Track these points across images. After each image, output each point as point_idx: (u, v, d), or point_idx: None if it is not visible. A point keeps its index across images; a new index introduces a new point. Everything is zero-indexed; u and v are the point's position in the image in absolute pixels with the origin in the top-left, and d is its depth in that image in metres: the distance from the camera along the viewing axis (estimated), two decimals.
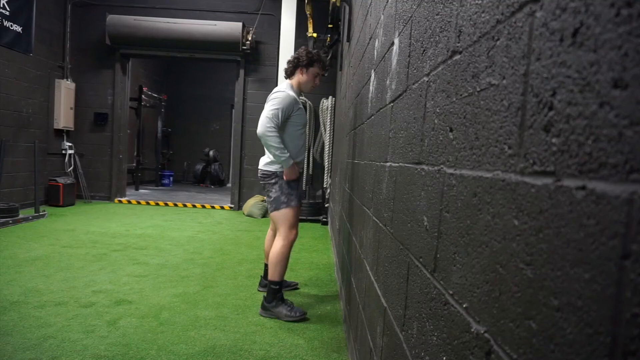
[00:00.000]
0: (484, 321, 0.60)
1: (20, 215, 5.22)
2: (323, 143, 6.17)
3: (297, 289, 3.17)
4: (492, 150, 0.61)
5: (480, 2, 0.67)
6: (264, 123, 2.63)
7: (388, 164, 1.37)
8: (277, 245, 2.73)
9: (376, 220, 1.54)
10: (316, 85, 2.90)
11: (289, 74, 2.85)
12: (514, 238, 0.53)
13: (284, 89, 2.74)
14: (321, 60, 2.82)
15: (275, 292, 2.68)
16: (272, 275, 2.70)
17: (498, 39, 0.61)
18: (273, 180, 2.73)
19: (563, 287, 0.42)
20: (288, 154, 2.65)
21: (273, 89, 2.80)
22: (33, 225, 5.08)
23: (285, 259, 2.72)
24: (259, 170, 2.84)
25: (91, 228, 5.09)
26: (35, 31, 5.99)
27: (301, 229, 5.80)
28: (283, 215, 2.73)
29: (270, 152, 2.68)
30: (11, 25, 5.55)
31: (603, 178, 0.38)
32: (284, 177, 2.68)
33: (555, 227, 0.44)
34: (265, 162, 2.80)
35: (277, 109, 2.64)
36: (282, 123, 2.68)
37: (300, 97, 2.65)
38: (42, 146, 6.43)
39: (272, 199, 2.75)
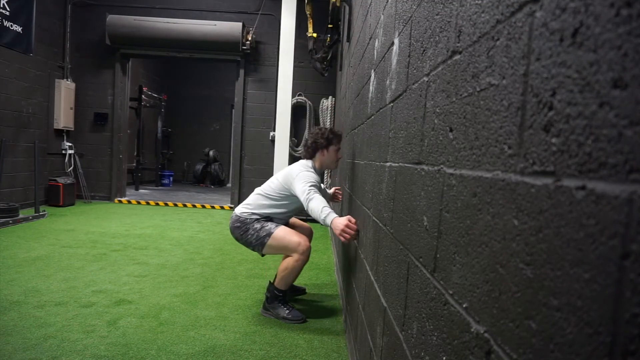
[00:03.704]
0: (483, 321, 0.60)
1: (20, 215, 5.22)
2: None
3: (304, 293, 3.15)
4: (492, 150, 0.61)
5: (480, 2, 0.67)
6: (305, 194, 2.47)
7: (388, 164, 1.37)
8: (291, 259, 2.62)
9: (376, 220, 1.54)
10: (340, 158, 2.86)
11: (310, 157, 2.80)
12: (514, 238, 0.53)
13: (309, 169, 2.67)
14: (337, 135, 2.79)
15: (277, 296, 2.67)
16: (279, 283, 2.66)
17: (498, 39, 0.61)
18: (245, 228, 2.68)
19: (563, 287, 0.42)
20: (330, 210, 2.38)
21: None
22: (33, 225, 5.08)
23: (296, 272, 2.64)
24: (232, 217, 2.74)
25: (91, 228, 5.09)
26: (35, 31, 5.99)
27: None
28: (273, 247, 2.64)
29: (314, 217, 2.42)
30: (11, 25, 5.55)
31: (603, 178, 0.38)
32: (337, 233, 2.25)
33: (555, 227, 0.44)
34: (240, 210, 2.74)
35: (313, 184, 2.54)
36: (291, 195, 2.66)
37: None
38: (42, 146, 6.43)
39: (253, 243, 2.67)
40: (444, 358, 0.73)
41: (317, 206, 2.38)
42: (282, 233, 2.64)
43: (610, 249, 0.36)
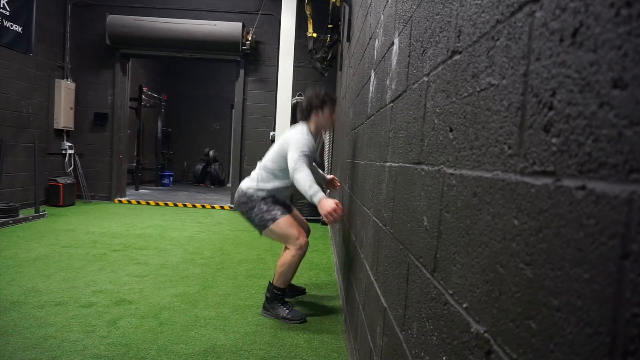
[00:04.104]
0: (483, 321, 0.60)
1: (20, 215, 5.22)
2: (323, 143, 6.17)
3: (304, 293, 3.16)
4: (492, 150, 0.61)
5: (480, 2, 0.67)
6: (296, 162, 2.50)
7: (388, 164, 1.37)
8: (288, 254, 2.64)
9: (376, 220, 1.54)
10: (334, 121, 2.89)
11: (306, 118, 2.82)
12: (514, 238, 0.53)
13: (304, 134, 2.68)
14: (331, 98, 2.83)
15: (277, 295, 2.67)
16: (277, 282, 2.67)
17: (498, 39, 0.61)
18: (250, 205, 2.68)
19: (563, 287, 0.42)
20: (318, 187, 2.45)
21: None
22: (33, 225, 5.08)
23: (293, 268, 2.65)
24: (238, 191, 2.76)
25: (91, 228, 5.09)
26: (35, 31, 5.99)
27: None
28: (274, 232, 2.66)
29: (300, 190, 2.49)
30: (11, 25, 5.55)
31: (603, 178, 0.38)
32: (322, 213, 2.40)
33: (555, 227, 0.44)
34: (249, 184, 2.74)
35: (305, 153, 2.55)
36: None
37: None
38: (42, 146, 6.43)
39: (256, 222, 2.69)
40: (444, 358, 0.73)
41: (305, 179, 2.44)
42: (285, 223, 2.65)
43: (610, 249, 0.36)
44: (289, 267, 2.64)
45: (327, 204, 2.33)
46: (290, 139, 2.66)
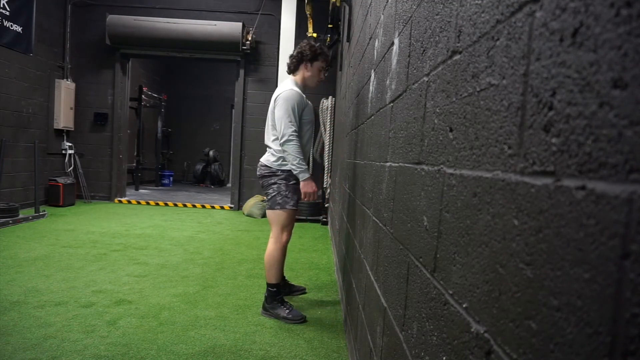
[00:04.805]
0: (483, 321, 0.60)
1: (20, 215, 5.22)
2: (323, 143, 6.16)
3: (304, 293, 3.16)
4: (492, 150, 0.61)
5: (480, 2, 0.67)
6: (285, 128, 2.53)
7: (388, 164, 1.37)
8: (270, 248, 2.70)
9: (376, 220, 1.54)
10: (321, 79, 2.79)
11: (293, 70, 2.74)
12: (514, 238, 0.53)
13: (289, 87, 2.64)
14: (325, 53, 2.73)
15: (274, 294, 2.68)
16: (268, 278, 2.70)
17: (498, 39, 0.61)
18: (272, 180, 2.68)
19: (563, 287, 0.42)
20: (306, 166, 2.57)
21: (273, 89, 2.78)
22: (33, 225, 5.08)
23: (278, 261, 2.69)
24: (260, 165, 2.75)
25: (91, 228, 5.09)
26: (35, 31, 5.99)
27: (301, 229, 5.83)
28: (276, 216, 2.68)
29: (287, 160, 2.59)
30: (11, 25, 5.55)
31: (603, 178, 0.38)
32: (301, 192, 2.62)
33: (555, 227, 0.44)
34: (268, 158, 2.72)
35: (292, 108, 2.54)
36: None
37: None
38: (42, 146, 6.43)
39: (269, 197, 2.72)
40: (444, 358, 0.73)
41: (296, 154, 2.56)
42: (288, 217, 2.69)
43: (610, 249, 0.36)
44: (273, 259, 2.68)
45: (310, 186, 2.62)
46: (284, 95, 2.59)
